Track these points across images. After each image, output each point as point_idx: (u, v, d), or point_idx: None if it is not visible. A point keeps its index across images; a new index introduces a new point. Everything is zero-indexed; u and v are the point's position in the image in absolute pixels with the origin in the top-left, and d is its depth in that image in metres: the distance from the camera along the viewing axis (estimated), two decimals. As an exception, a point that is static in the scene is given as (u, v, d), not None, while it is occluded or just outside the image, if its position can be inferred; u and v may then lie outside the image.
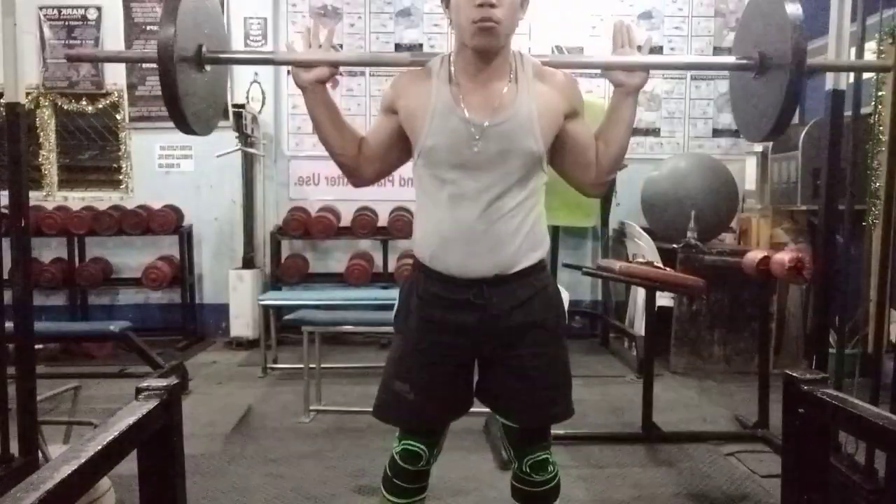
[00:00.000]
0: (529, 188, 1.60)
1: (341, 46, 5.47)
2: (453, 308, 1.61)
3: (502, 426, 1.75)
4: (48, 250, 5.26)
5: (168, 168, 5.43)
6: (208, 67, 1.75)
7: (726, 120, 5.61)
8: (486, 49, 1.53)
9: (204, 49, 1.71)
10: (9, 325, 2.34)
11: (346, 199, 5.42)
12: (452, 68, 1.60)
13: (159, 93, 5.63)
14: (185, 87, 1.64)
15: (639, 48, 1.62)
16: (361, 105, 5.51)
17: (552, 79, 1.62)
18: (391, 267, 5.32)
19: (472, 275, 1.59)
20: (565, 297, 1.78)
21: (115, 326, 3.81)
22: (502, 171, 1.56)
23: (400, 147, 1.67)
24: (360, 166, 1.70)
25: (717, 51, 5.57)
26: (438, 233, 1.60)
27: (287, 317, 4.03)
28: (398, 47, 5.49)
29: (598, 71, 6.12)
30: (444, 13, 1.62)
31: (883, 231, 2.63)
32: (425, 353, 1.65)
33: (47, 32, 5.30)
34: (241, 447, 3.18)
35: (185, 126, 1.69)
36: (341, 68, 5.88)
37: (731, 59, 1.84)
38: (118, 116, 5.37)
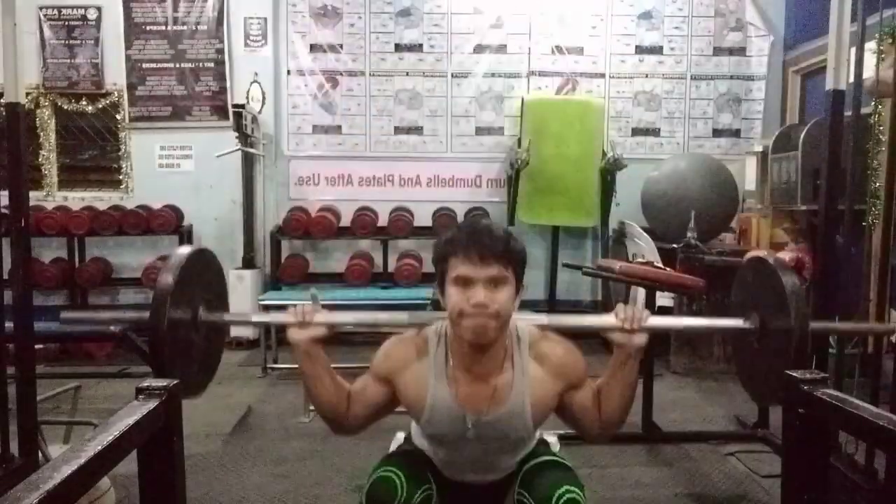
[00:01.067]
0: (524, 446, 1.67)
1: (341, 47, 5.48)
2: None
3: (521, 486, 1.60)
4: (48, 250, 5.26)
5: (168, 168, 5.42)
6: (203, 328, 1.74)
7: (726, 120, 5.61)
8: (479, 343, 1.51)
9: (200, 312, 1.71)
10: (9, 325, 2.34)
11: (346, 199, 5.43)
12: (449, 357, 1.58)
13: (159, 93, 5.63)
14: (178, 351, 1.64)
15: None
16: (361, 105, 5.52)
17: (550, 359, 1.59)
18: (391, 267, 5.32)
19: (469, 481, 1.68)
20: (556, 446, 1.83)
21: (115, 326, 3.80)
22: (497, 446, 1.61)
23: (389, 408, 1.67)
24: (346, 420, 1.66)
25: (717, 51, 5.57)
26: (437, 464, 1.68)
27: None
28: (398, 47, 5.49)
29: (600, 70, 6.07)
30: (438, 295, 1.58)
31: (883, 231, 2.63)
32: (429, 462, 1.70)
33: (47, 32, 5.29)
34: (241, 447, 3.18)
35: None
36: (342, 69, 5.88)
37: (733, 323, 1.87)
38: (118, 116, 5.37)
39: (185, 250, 1.73)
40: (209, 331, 1.77)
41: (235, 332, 5.12)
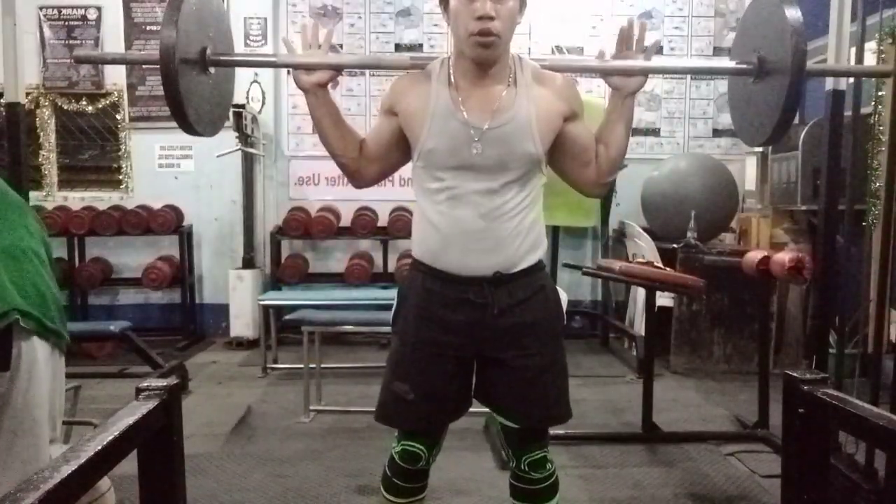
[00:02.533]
0: (528, 190, 1.62)
1: (341, 47, 5.47)
2: (452, 306, 1.62)
3: (500, 426, 1.76)
4: (48, 250, 5.26)
5: (168, 168, 5.43)
6: (212, 69, 1.75)
7: (726, 120, 5.60)
8: (485, 60, 1.55)
9: (208, 52, 1.70)
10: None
11: (346, 199, 5.42)
12: (452, 71, 1.60)
13: (159, 93, 5.63)
14: (189, 89, 1.63)
15: (644, 50, 1.61)
16: (361, 105, 5.51)
17: (551, 82, 1.62)
18: (391, 267, 5.32)
19: (471, 273, 1.60)
20: (564, 297, 1.78)
21: (115, 326, 3.81)
22: (501, 173, 1.57)
23: (400, 148, 1.67)
24: (360, 168, 1.70)
25: (717, 51, 5.57)
26: (438, 231, 1.61)
27: (287, 317, 4.03)
28: (398, 47, 5.49)
29: (598, 71, 6.04)
30: (442, 16, 1.62)
31: (883, 231, 2.63)
32: (424, 352, 1.65)
33: (47, 32, 5.29)
34: (241, 447, 3.18)
35: (189, 128, 1.68)
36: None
37: (729, 64, 1.84)
38: (118, 116, 5.37)
39: None
40: (217, 70, 1.77)
41: (235, 332, 5.13)
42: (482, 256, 1.59)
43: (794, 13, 1.58)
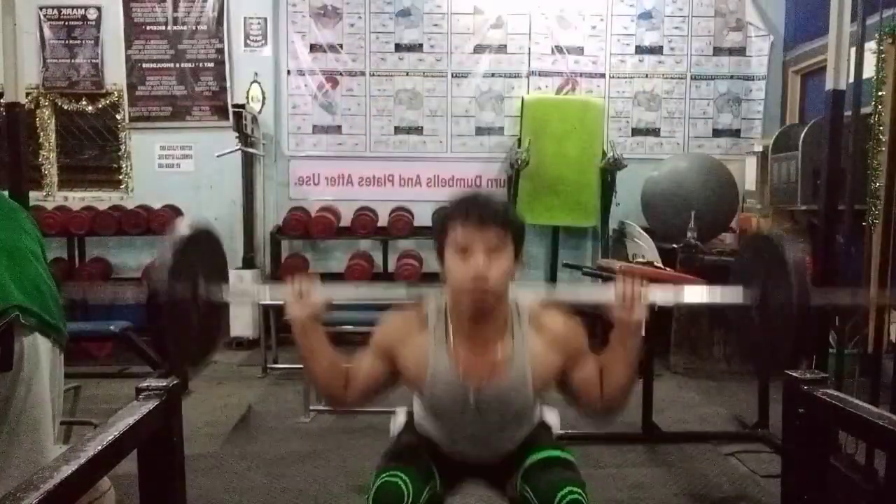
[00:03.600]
0: (525, 419, 1.67)
1: (341, 47, 5.48)
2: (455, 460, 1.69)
3: (523, 481, 1.61)
4: (48, 250, 5.23)
5: (168, 168, 5.42)
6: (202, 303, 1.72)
7: (726, 120, 5.61)
8: (480, 312, 1.52)
9: (200, 290, 1.67)
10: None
11: (346, 199, 5.43)
12: (448, 324, 1.58)
13: (160, 93, 5.63)
14: (176, 331, 1.62)
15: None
16: (361, 105, 5.51)
17: (551, 330, 1.58)
18: (391, 267, 5.32)
19: (473, 463, 1.69)
20: (555, 417, 1.81)
21: (115, 326, 3.81)
22: (499, 419, 1.60)
23: (389, 383, 1.65)
24: (344, 396, 1.64)
25: (717, 51, 5.57)
26: (439, 440, 1.68)
27: (287, 317, 4.02)
28: (398, 47, 5.49)
29: (600, 70, 6.06)
30: (437, 263, 1.57)
31: (883, 231, 2.63)
32: (429, 448, 1.70)
33: (47, 32, 5.29)
34: (241, 447, 3.18)
35: (174, 365, 1.67)
36: (342, 69, 5.87)
37: (733, 296, 1.80)
38: (118, 116, 5.37)
39: (183, 230, 1.69)
40: (210, 307, 1.76)
41: (235, 332, 5.13)
42: (481, 459, 1.68)
43: (794, 255, 1.58)
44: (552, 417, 1.80)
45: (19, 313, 1.57)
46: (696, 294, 1.89)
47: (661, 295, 1.69)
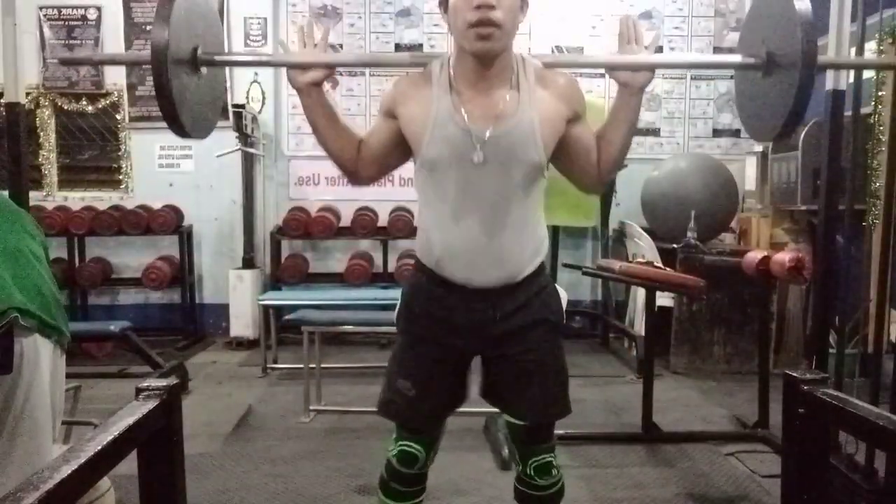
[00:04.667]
0: (531, 196, 1.60)
1: (341, 46, 5.47)
2: (457, 310, 1.63)
3: (507, 426, 1.75)
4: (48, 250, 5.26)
5: (168, 168, 5.43)
6: (204, 70, 1.73)
7: (726, 120, 5.61)
8: (485, 54, 1.50)
9: (199, 51, 1.67)
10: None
11: (346, 199, 5.42)
12: (452, 74, 1.56)
13: (159, 93, 5.48)
14: (181, 90, 1.61)
15: (645, 47, 1.59)
16: (361, 105, 5.52)
17: (554, 83, 1.58)
18: (391, 267, 5.32)
19: (476, 285, 1.60)
20: (563, 296, 1.78)
21: (115, 326, 3.81)
22: (504, 181, 1.55)
23: (399, 150, 1.65)
24: (359, 168, 1.66)
25: (717, 51, 5.57)
26: (442, 242, 1.60)
27: (287, 317, 4.03)
28: (398, 47, 5.49)
29: (600, 71, 6.11)
30: (441, 17, 1.58)
31: (883, 231, 2.63)
32: (427, 351, 1.67)
33: (47, 32, 5.29)
34: (241, 447, 3.18)
35: (181, 131, 1.66)
36: (341, 69, 5.86)
37: (737, 58, 1.79)
38: (118, 116, 5.37)
39: None
40: (209, 71, 1.75)
41: (235, 332, 5.13)
42: (487, 270, 1.58)
43: (803, 5, 1.54)
44: (561, 294, 1.76)
45: (18, 315, 1.58)
46: (700, 59, 1.86)
47: (664, 57, 1.68)
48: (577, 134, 1.60)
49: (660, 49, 5.54)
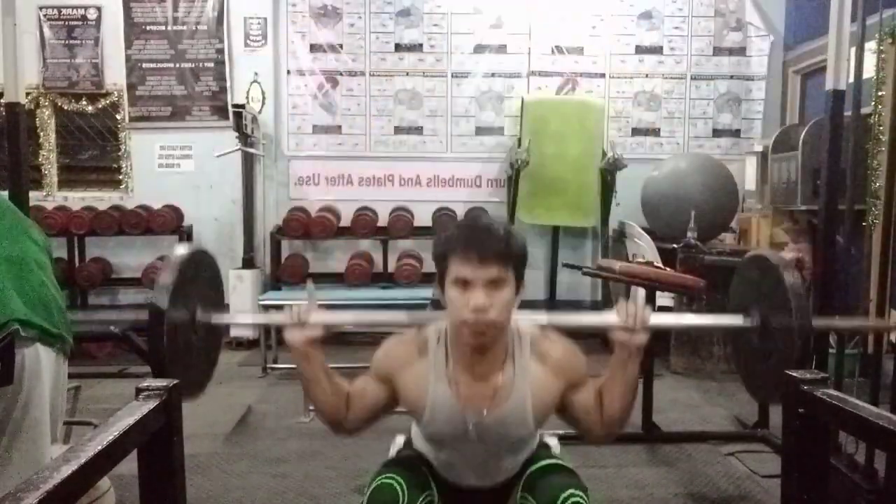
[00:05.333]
0: (525, 447, 1.67)
1: (341, 47, 5.48)
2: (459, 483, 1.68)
3: (524, 490, 1.63)
4: (48, 250, 5.26)
5: (168, 168, 5.43)
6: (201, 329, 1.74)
7: (726, 120, 5.61)
8: (480, 346, 1.51)
9: (198, 314, 1.70)
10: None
11: (346, 199, 5.43)
12: (448, 354, 1.57)
13: (159, 93, 5.63)
14: (175, 353, 1.64)
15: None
16: (361, 105, 5.51)
17: (550, 358, 1.57)
18: (391, 267, 5.32)
19: (470, 487, 1.67)
20: (555, 445, 1.79)
21: (115, 326, 3.80)
22: (497, 449, 1.60)
23: (387, 408, 1.66)
24: (345, 420, 1.64)
25: (717, 51, 5.57)
26: (437, 466, 1.67)
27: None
28: (398, 47, 5.49)
29: (600, 71, 6.06)
30: (437, 292, 1.56)
31: (883, 231, 2.63)
32: (428, 467, 1.69)
33: (47, 32, 5.29)
34: (241, 447, 3.18)
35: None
36: (342, 69, 5.87)
37: (733, 320, 1.84)
38: (118, 116, 5.37)
39: (181, 251, 1.73)
40: (207, 331, 1.77)
41: (235, 332, 5.12)
42: (480, 485, 1.66)
43: (793, 280, 1.61)
44: (552, 441, 1.80)
45: (20, 327, 1.58)
46: (697, 321, 1.95)
47: (663, 319, 1.71)
48: (576, 399, 1.60)
49: (660, 49, 5.55)
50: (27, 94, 4.78)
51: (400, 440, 1.82)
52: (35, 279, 1.70)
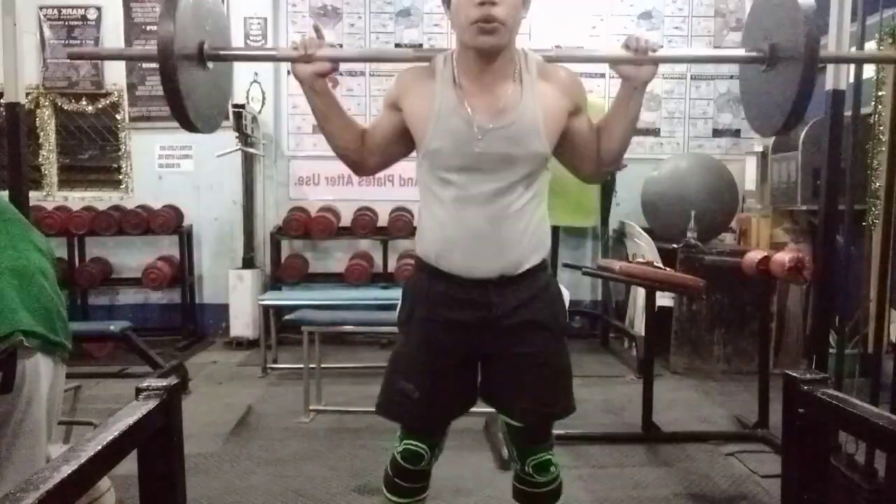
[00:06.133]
0: (534, 188, 1.60)
1: (341, 46, 5.47)
2: (457, 307, 1.62)
3: (505, 425, 1.75)
4: (48, 250, 5.26)
5: (168, 168, 5.42)
6: (210, 64, 1.73)
7: (726, 120, 5.61)
8: (488, 50, 1.51)
9: (206, 46, 1.68)
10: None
11: (346, 199, 5.43)
12: (455, 68, 1.58)
13: (159, 93, 5.62)
14: (188, 85, 1.61)
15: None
16: (361, 105, 5.51)
17: (556, 77, 1.60)
18: (391, 267, 5.32)
19: (476, 275, 1.60)
20: (566, 295, 1.78)
21: (115, 326, 3.81)
22: (507, 173, 1.55)
23: (403, 141, 1.66)
24: (363, 159, 1.68)
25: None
26: (443, 233, 1.61)
27: (287, 317, 4.03)
28: (398, 47, 5.48)
29: (600, 70, 6.09)
30: (444, 13, 1.60)
31: (883, 231, 2.63)
32: (429, 351, 1.66)
33: (47, 32, 5.30)
34: (241, 447, 3.18)
35: (188, 125, 1.67)
36: (341, 68, 5.87)
37: (740, 52, 1.81)
38: (118, 116, 5.37)
39: None
40: (216, 66, 1.77)
41: (235, 332, 5.13)
42: (488, 259, 1.58)
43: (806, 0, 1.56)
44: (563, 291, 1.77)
45: (23, 338, 1.60)
46: (705, 53, 1.91)
47: (670, 51, 1.70)
48: (577, 126, 1.61)
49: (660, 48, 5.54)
50: (27, 94, 4.78)
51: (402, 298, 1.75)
52: (39, 289, 1.71)
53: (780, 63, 1.65)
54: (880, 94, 3.41)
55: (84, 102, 5.34)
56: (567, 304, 1.77)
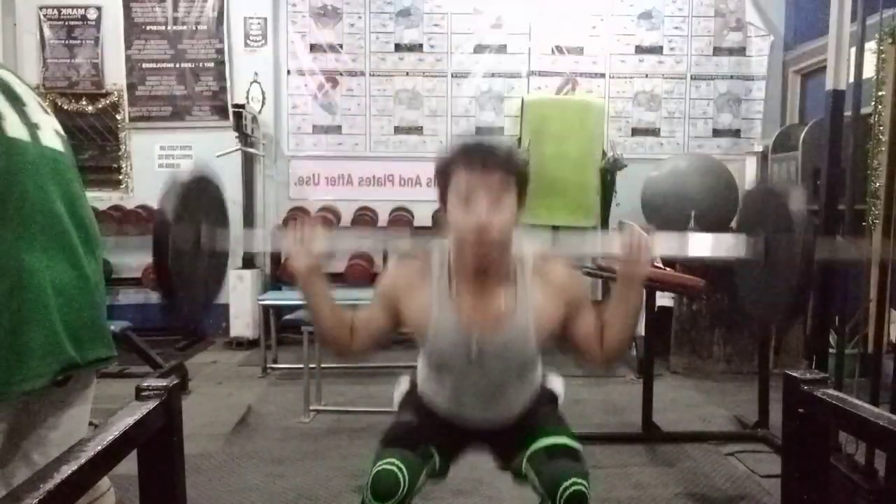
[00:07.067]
0: (528, 375, 1.68)
1: (341, 47, 5.48)
2: (455, 426, 1.70)
3: (529, 464, 1.62)
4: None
5: (168, 168, 5.43)
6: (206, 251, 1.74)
7: (726, 120, 5.61)
8: (484, 262, 1.52)
9: (202, 239, 1.72)
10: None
11: (346, 199, 5.43)
12: (452, 272, 1.57)
13: (159, 93, 5.63)
14: (180, 277, 1.65)
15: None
16: (361, 105, 5.52)
17: (552, 276, 1.58)
18: (391, 267, 5.32)
19: (474, 427, 1.70)
20: (559, 384, 1.81)
21: (115, 326, 3.80)
22: (500, 372, 1.61)
23: (392, 331, 1.66)
24: (350, 347, 1.65)
25: (717, 51, 5.57)
26: (443, 401, 1.69)
27: (287, 317, 4.03)
28: (398, 47, 5.50)
29: (600, 71, 6.06)
30: (439, 207, 1.56)
31: (883, 231, 2.63)
32: (431, 420, 1.71)
33: (47, 32, 5.28)
34: (241, 447, 3.18)
35: (178, 313, 1.69)
36: (342, 68, 5.86)
37: (740, 241, 1.80)
38: (118, 116, 5.37)
39: (182, 177, 1.70)
40: (212, 254, 1.77)
41: (235, 332, 5.13)
42: (485, 422, 1.68)
43: (798, 204, 1.59)
44: (557, 385, 1.79)
45: (73, 373, 1.54)
46: (701, 245, 1.91)
47: (665, 245, 1.71)
48: (575, 325, 1.60)
49: (660, 49, 5.55)
50: (27, 94, 4.78)
51: (404, 386, 1.83)
52: (83, 303, 1.60)
53: (776, 256, 1.68)
54: (880, 94, 3.41)
55: (84, 102, 5.34)
56: (562, 389, 1.80)
